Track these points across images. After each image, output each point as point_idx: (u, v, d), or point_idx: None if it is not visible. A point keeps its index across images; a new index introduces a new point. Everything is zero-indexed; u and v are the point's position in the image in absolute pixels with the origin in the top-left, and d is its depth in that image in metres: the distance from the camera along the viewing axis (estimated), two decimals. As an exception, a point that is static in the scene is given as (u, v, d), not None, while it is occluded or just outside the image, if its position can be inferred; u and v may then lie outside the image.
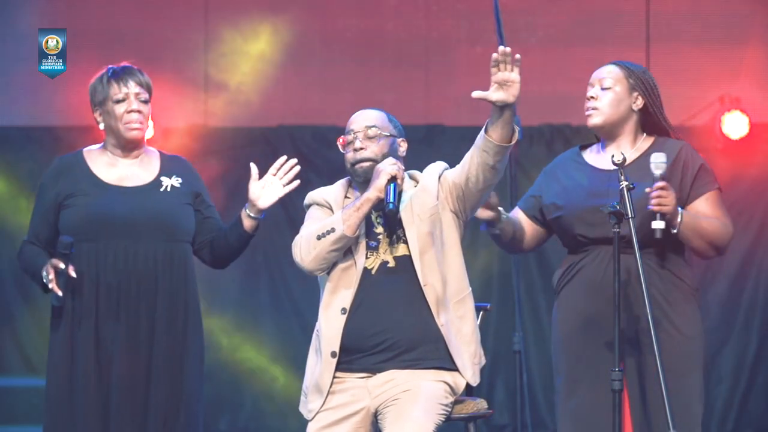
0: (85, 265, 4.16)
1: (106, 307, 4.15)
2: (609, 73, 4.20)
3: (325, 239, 3.93)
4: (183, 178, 4.32)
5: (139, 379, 4.14)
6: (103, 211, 4.18)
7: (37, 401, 7.22)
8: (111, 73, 4.28)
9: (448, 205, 4.04)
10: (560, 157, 4.36)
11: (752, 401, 7.82)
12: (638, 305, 4.00)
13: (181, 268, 4.23)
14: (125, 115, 4.24)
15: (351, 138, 4.07)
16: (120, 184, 4.25)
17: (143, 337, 4.15)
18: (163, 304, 4.18)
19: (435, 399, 3.87)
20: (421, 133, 7.62)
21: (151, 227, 4.19)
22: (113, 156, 4.30)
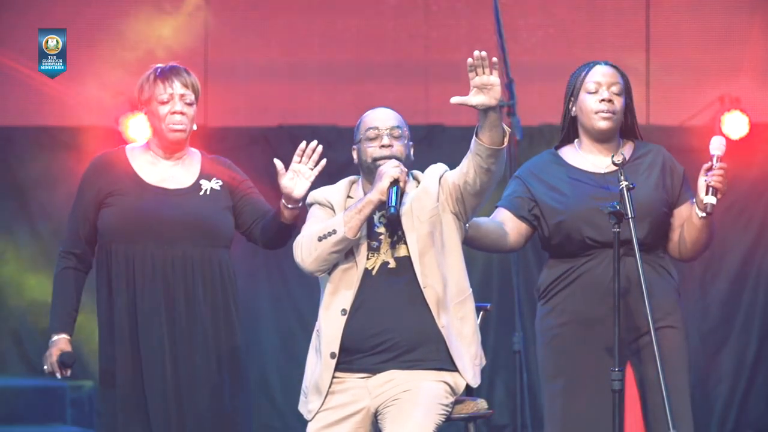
0: (123, 266, 4.14)
1: (143, 310, 4.12)
2: (614, 77, 4.17)
3: (326, 241, 3.93)
4: (222, 180, 4.29)
5: (179, 386, 4.11)
6: (143, 213, 4.15)
7: (37, 401, 7.26)
8: (158, 72, 4.24)
9: (448, 207, 4.03)
10: (536, 161, 4.29)
11: (752, 401, 7.82)
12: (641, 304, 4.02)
13: (218, 274, 4.20)
14: (169, 116, 4.20)
15: (375, 134, 4.06)
16: (161, 185, 4.21)
17: (182, 343, 4.12)
18: (201, 308, 4.15)
19: (435, 399, 3.87)
20: (421, 133, 7.62)
21: (189, 232, 4.16)
22: (155, 156, 4.26)
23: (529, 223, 4.22)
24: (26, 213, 7.79)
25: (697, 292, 7.72)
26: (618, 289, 3.92)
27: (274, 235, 4.27)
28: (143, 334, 4.11)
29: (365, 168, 4.07)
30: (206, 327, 4.15)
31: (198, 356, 4.13)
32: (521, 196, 4.23)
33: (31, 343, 7.75)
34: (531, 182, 4.22)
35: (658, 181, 4.13)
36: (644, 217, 4.06)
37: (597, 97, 4.15)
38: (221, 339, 4.18)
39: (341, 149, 7.76)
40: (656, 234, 4.11)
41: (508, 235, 4.21)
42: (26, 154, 7.70)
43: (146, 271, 4.13)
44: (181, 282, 4.14)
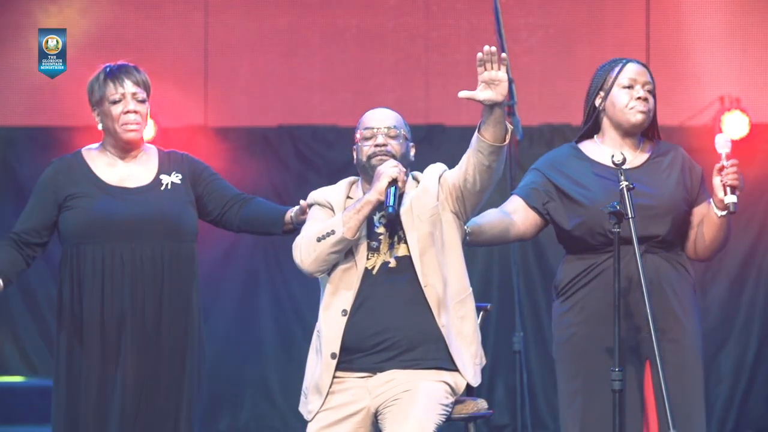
0: (89, 267, 4.15)
1: (111, 309, 4.13)
2: (648, 77, 4.19)
3: (325, 241, 3.93)
4: (182, 173, 4.29)
5: (145, 379, 4.12)
6: (107, 213, 4.15)
7: (37, 401, 7.25)
8: (107, 71, 4.23)
9: (448, 206, 4.03)
10: (557, 155, 4.31)
11: (752, 401, 7.82)
12: (661, 303, 4.05)
13: (186, 268, 4.21)
14: (122, 116, 4.19)
15: (371, 134, 4.07)
16: (121, 184, 4.21)
17: (149, 338, 4.13)
18: (168, 304, 4.16)
19: (435, 399, 3.87)
20: (421, 133, 7.62)
21: (155, 228, 4.16)
22: (112, 156, 4.26)
23: (540, 215, 4.22)
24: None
25: (698, 292, 7.72)
26: (618, 289, 3.93)
27: (262, 230, 4.28)
28: (109, 333, 4.12)
29: (362, 167, 4.07)
30: (173, 321, 4.16)
31: (162, 349, 4.14)
32: (537, 188, 4.22)
33: (31, 343, 7.76)
34: (552, 174, 4.22)
35: (678, 179, 4.16)
36: (666, 215, 4.09)
37: (633, 93, 4.16)
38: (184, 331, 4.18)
39: (341, 149, 7.79)
40: (677, 231, 4.13)
41: (516, 224, 4.20)
42: (26, 154, 7.70)
43: (115, 271, 4.13)
44: (149, 279, 4.14)
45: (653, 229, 4.08)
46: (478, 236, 4.16)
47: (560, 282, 4.20)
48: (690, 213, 4.16)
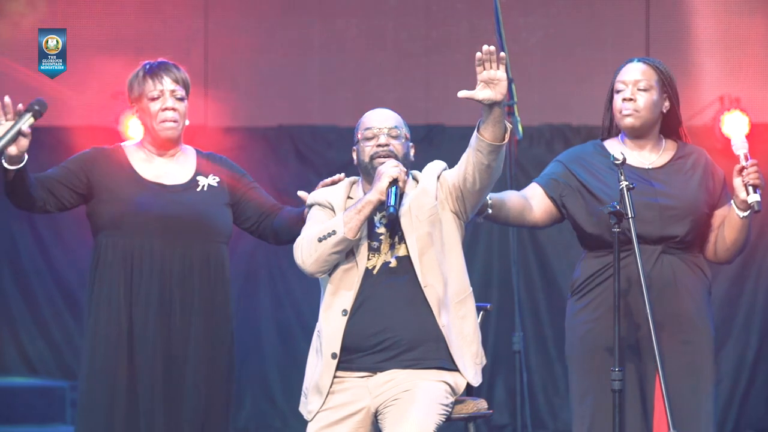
0: (120, 261, 4.12)
1: (139, 305, 4.11)
2: (643, 73, 4.18)
3: (326, 242, 3.93)
4: (220, 176, 4.28)
5: (173, 380, 4.10)
6: (140, 207, 4.13)
7: (37, 401, 7.26)
8: (147, 68, 4.23)
9: (448, 206, 4.03)
10: (581, 150, 4.29)
11: (752, 401, 7.82)
12: (676, 304, 4.07)
13: (216, 270, 4.19)
14: (160, 113, 4.18)
15: (372, 134, 4.07)
16: (157, 180, 4.20)
17: (177, 338, 4.12)
18: (198, 306, 4.14)
19: (435, 399, 3.87)
20: (421, 133, 7.62)
21: (187, 227, 4.15)
22: (149, 153, 4.25)
23: (556, 207, 4.22)
24: (26, 213, 7.78)
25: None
26: (618, 289, 3.94)
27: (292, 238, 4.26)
28: (138, 330, 4.09)
29: (364, 168, 4.07)
30: (200, 322, 4.14)
31: (191, 353, 4.12)
32: (557, 179, 4.22)
33: (31, 343, 7.75)
34: (575, 168, 4.21)
35: (700, 181, 4.16)
36: (686, 216, 4.09)
37: (621, 96, 4.16)
38: (214, 334, 4.18)
39: (341, 149, 7.79)
40: (696, 233, 4.14)
41: (533, 210, 4.21)
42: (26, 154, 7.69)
43: (144, 266, 4.12)
44: (177, 277, 4.13)
45: (672, 230, 4.08)
46: (498, 211, 4.16)
47: (576, 280, 4.22)
48: (710, 215, 4.17)
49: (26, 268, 7.78)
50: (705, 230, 4.17)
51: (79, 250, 7.73)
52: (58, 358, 7.73)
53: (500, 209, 4.17)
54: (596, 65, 7.87)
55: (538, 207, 4.22)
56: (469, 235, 4.31)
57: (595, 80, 7.78)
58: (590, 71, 7.87)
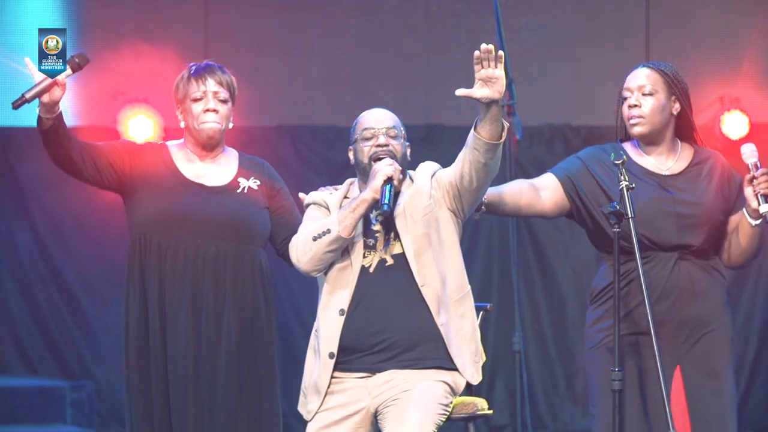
0: (155, 258, 4.10)
1: (171, 304, 4.09)
2: (648, 78, 4.15)
3: (321, 240, 3.93)
4: (261, 180, 4.27)
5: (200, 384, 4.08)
6: (180, 206, 4.11)
7: (37, 401, 7.26)
8: (192, 70, 4.24)
9: (445, 204, 4.03)
10: (600, 151, 4.23)
11: (752, 401, 7.82)
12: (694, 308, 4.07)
13: (250, 272, 4.17)
14: (202, 114, 4.19)
15: (371, 134, 4.07)
16: (198, 181, 4.19)
17: (209, 337, 4.09)
18: (230, 307, 4.12)
19: (435, 399, 3.87)
20: (421, 133, 7.62)
21: (225, 228, 4.13)
22: (191, 153, 4.24)
23: (570, 200, 4.20)
24: (26, 213, 7.79)
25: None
26: (618, 290, 3.94)
27: None
28: (170, 328, 4.08)
29: (361, 168, 4.07)
30: (232, 325, 4.12)
31: (222, 354, 4.10)
32: (572, 175, 4.19)
33: (31, 343, 7.76)
34: (594, 167, 4.18)
35: (717, 188, 4.14)
36: (703, 225, 4.08)
37: (627, 103, 4.16)
38: (248, 338, 4.14)
39: (341, 149, 7.76)
40: (712, 242, 4.13)
41: (542, 200, 4.19)
42: (26, 154, 7.70)
43: (177, 265, 4.10)
44: (210, 278, 4.11)
45: (688, 239, 4.08)
46: (497, 207, 4.15)
47: (596, 288, 4.19)
48: (726, 222, 4.15)
49: (26, 268, 7.78)
50: (720, 237, 4.15)
51: (79, 250, 7.74)
52: (58, 358, 7.73)
53: (497, 206, 4.16)
54: (596, 65, 7.88)
55: (550, 198, 4.19)
56: (469, 235, 4.32)
57: (595, 80, 7.79)
58: (590, 71, 7.87)
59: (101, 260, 7.66)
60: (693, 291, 4.08)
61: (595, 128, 7.76)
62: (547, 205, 4.20)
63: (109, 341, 7.60)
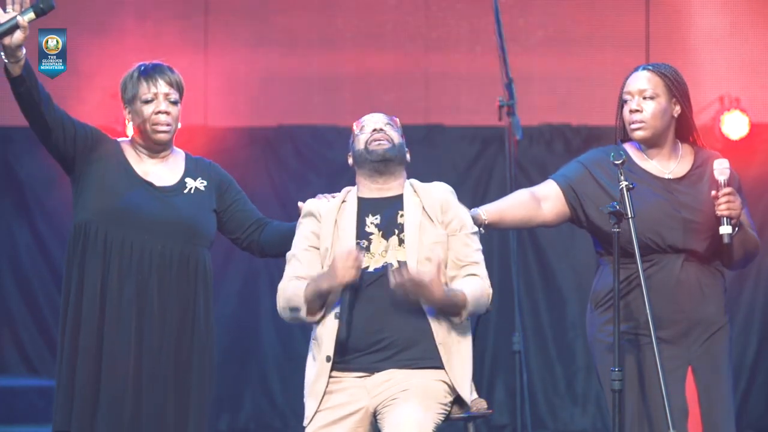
0: (100, 249, 4.09)
1: (112, 298, 4.08)
2: (649, 81, 4.14)
3: (295, 314, 4.01)
4: (207, 180, 4.27)
5: (145, 378, 4.08)
6: (129, 202, 4.11)
7: (37, 401, 7.25)
8: (141, 70, 4.21)
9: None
10: (603, 155, 4.20)
11: (752, 401, 7.82)
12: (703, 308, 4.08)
13: (196, 271, 4.15)
14: (153, 116, 4.17)
15: (368, 126, 4.11)
16: (148, 179, 4.18)
17: (152, 337, 4.09)
18: (174, 306, 4.12)
19: (434, 398, 3.87)
20: (421, 133, 7.62)
21: (172, 229, 4.12)
22: (140, 153, 4.23)
23: (571, 208, 4.20)
24: (26, 213, 7.79)
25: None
26: (617, 291, 3.94)
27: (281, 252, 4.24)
28: (109, 323, 4.07)
29: (359, 156, 4.08)
30: (175, 324, 4.12)
31: (164, 352, 4.09)
32: (574, 182, 4.19)
33: (31, 343, 7.76)
34: (597, 172, 4.18)
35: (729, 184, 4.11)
36: (706, 230, 4.08)
37: (628, 107, 4.15)
38: (188, 339, 4.13)
39: (341, 149, 7.76)
40: (713, 247, 4.12)
41: (543, 212, 4.19)
42: (26, 154, 7.71)
43: (123, 259, 4.09)
44: (155, 276, 4.10)
45: (692, 245, 4.07)
46: (497, 225, 4.16)
47: (600, 292, 4.17)
48: None
49: (26, 268, 7.78)
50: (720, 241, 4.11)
51: (79, 250, 7.74)
52: (58, 358, 7.73)
53: (498, 225, 4.18)
54: (596, 65, 7.87)
55: (551, 209, 4.20)
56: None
57: (595, 80, 7.79)
58: (590, 71, 7.87)
59: (101, 260, 7.66)
60: (702, 292, 4.09)
61: (595, 128, 7.76)
62: (549, 216, 4.20)
63: (109, 341, 7.61)
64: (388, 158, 4.04)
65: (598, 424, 7.74)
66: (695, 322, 4.08)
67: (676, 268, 4.06)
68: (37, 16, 3.92)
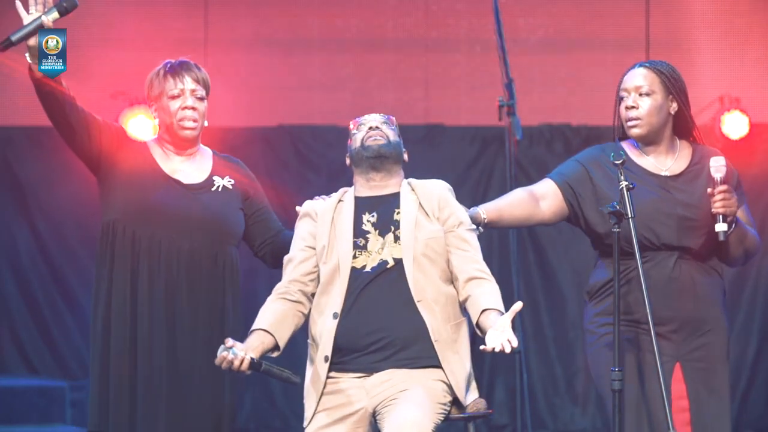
0: (128, 248, 4.09)
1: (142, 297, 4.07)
2: (645, 78, 4.15)
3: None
4: (235, 179, 4.27)
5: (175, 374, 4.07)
6: (159, 200, 4.10)
7: (37, 401, 7.25)
8: (168, 67, 4.22)
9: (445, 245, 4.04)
10: (600, 152, 4.22)
11: (752, 401, 7.82)
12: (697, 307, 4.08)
13: (222, 270, 4.16)
14: (179, 111, 4.17)
15: (364, 124, 4.11)
16: (175, 177, 4.18)
17: (184, 334, 4.09)
18: (204, 303, 4.11)
19: (433, 398, 3.87)
20: (421, 133, 7.62)
21: (201, 225, 4.12)
22: (167, 151, 4.23)
23: (570, 209, 4.20)
24: (26, 213, 7.79)
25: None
26: (618, 290, 3.94)
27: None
28: (141, 322, 4.07)
29: (355, 155, 4.08)
30: (205, 321, 4.12)
31: (196, 349, 4.10)
32: (571, 181, 4.20)
33: (31, 343, 7.75)
34: (594, 171, 4.19)
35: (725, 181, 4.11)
36: (702, 227, 4.08)
37: (624, 104, 4.15)
38: (218, 335, 4.12)
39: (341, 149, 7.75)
40: (709, 244, 4.12)
41: (542, 210, 4.21)
42: (26, 154, 7.70)
43: (152, 258, 4.09)
44: (184, 273, 4.10)
45: (687, 242, 4.08)
46: (496, 224, 4.18)
47: (594, 285, 4.20)
48: None
49: (26, 268, 7.78)
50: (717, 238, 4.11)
51: (79, 250, 7.73)
52: (58, 358, 7.73)
53: (497, 223, 4.19)
54: (596, 65, 7.87)
55: (549, 207, 4.21)
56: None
57: (596, 80, 7.79)
58: (590, 71, 7.87)
59: (101, 260, 7.66)
60: (695, 291, 4.08)
61: (595, 128, 7.76)
62: (547, 214, 4.22)
63: (109, 341, 7.61)
64: (383, 154, 4.04)
65: (598, 424, 7.74)
66: (686, 321, 4.07)
67: (669, 265, 4.06)
68: (61, 15, 3.94)
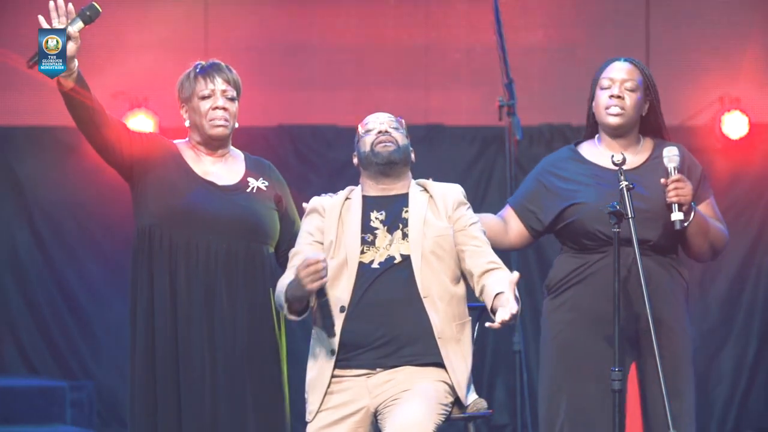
0: (166, 253, 4.08)
1: (182, 300, 4.06)
2: (630, 73, 4.19)
3: (283, 310, 3.99)
4: (269, 182, 4.26)
5: (221, 380, 4.06)
6: (194, 202, 4.09)
7: (37, 401, 7.25)
8: (199, 68, 4.22)
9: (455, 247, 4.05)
10: (555, 158, 4.30)
11: (752, 401, 7.82)
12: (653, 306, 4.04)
13: (261, 270, 4.15)
14: (210, 111, 4.17)
15: (373, 127, 4.10)
16: (209, 179, 4.17)
17: (225, 336, 4.07)
18: (243, 304, 4.10)
19: (435, 399, 3.87)
20: (421, 133, 7.62)
21: (237, 226, 4.11)
22: (199, 152, 4.22)
23: (530, 230, 4.24)
24: (26, 213, 7.79)
25: (697, 292, 7.72)
26: (618, 290, 3.94)
27: None
28: (182, 326, 4.06)
29: (365, 158, 4.08)
30: (245, 322, 4.11)
31: (237, 350, 4.08)
32: (527, 201, 4.24)
33: (31, 344, 7.75)
34: (547, 178, 4.23)
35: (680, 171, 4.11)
36: (658, 219, 4.08)
37: (608, 93, 4.16)
38: (258, 340, 4.13)
39: (341, 149, 7.79)
40: (669, 236, 4.11)
41: (509, 235, 4.26)
42: (26, 154, 7.70)
43: (189, 260, 4.08)
44: (222, 275, 4.09)
45: (644, 234, 4.06)
46: None
47: (552, 279, 4.22)
48: None
49: (26, 268, 7.78)
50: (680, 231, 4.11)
51: (79, 250, 7.74)
52: (58, 358, 7.73)
53: None
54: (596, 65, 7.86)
55: (512, 231, 4.29)
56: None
57: (595, 80, 7.79)
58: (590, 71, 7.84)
59: (101, 260, 7.66)
60: (653, 286, 4.04)
61: (594, 128, 7.76)
62: (512, 238, 4.30)
63: (109, 341, 7.61)
64: (393, 161, 4.04)
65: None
66: (642, 321, 4.04)
67: (626, 262, 4.05)
68: (86, 24, 3.94)
